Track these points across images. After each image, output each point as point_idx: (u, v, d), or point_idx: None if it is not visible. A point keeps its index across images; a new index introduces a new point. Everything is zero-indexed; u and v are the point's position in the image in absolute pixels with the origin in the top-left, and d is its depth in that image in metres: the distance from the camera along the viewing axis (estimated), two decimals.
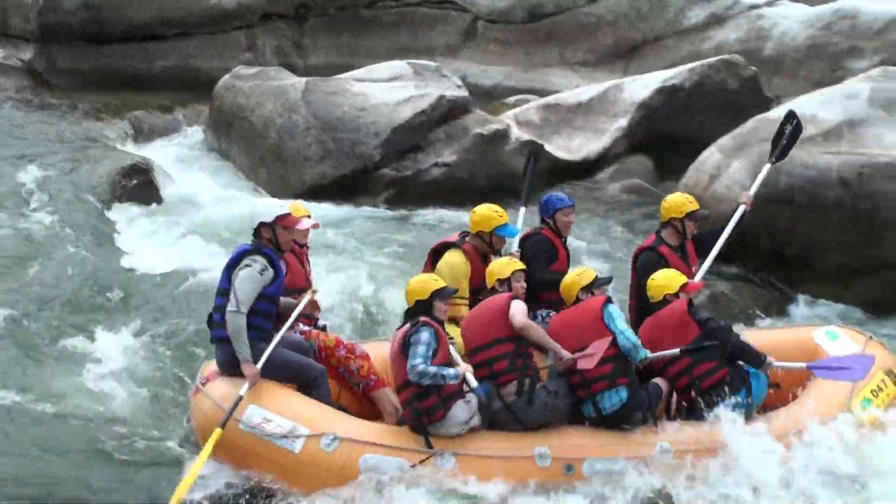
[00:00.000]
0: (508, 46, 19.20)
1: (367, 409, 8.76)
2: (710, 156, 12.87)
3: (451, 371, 8.10)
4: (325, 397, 8.40)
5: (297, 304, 8.70)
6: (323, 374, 8.51)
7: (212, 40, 19.64)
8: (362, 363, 8.74)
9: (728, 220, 10.04)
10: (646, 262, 9.69)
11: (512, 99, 17.31)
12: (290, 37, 20.20)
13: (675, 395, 8.89)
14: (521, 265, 8.90)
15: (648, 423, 8.38)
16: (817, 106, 13.00)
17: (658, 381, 8.70)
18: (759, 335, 9.73)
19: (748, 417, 8.53)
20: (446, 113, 14.81)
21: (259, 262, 8.24)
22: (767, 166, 10.83)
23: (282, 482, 8.08)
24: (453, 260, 9.21)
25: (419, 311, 8.36)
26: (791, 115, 11.26)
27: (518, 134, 14.94)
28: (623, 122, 15.01)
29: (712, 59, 15.75)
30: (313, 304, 8.97)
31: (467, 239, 9.39)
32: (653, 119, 15.08)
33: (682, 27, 18.66)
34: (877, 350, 9.56)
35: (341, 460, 8.02)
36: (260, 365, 8.10)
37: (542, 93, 17.31)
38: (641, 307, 9.38)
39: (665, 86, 15.18)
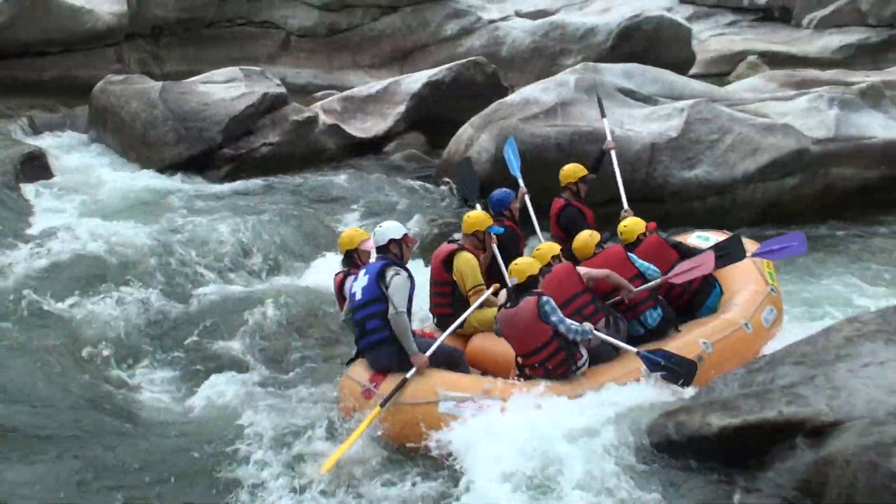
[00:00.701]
0: (314, 54, 19.44)
1: None
2: (465, 130, 13.40)
3: (588, 326, 7.89)
4: (467, 371, 8.10)
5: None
6: (462, 354, 8.25)
7: (88, 55, 19.68)
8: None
9: (612, 164, 10.57)
10: (571, 216, 9.87)
11: (319, 94, 17.58)
12: (149, 51, 20.37)
13: None
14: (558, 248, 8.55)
15: (673, 330, 8.47)
16: (539, 92, 13.55)
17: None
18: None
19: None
20: (270, 105, 15.18)
21: (403, 271, 7.87)
22: (605, 121, 11.39)
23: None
24: (468, 258, 8.73)
25: (531, 285, 7.96)
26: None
27: (324, 119, 15.35)
28: (402, 108, 15.42)
29: (464, 60, 16.17)
30: None
31: (462, 241, 8.98)
32: (423, 105, 15.53)
33: (441, 37, 19.18)
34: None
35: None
36: (429, 354, 7.75)
37: (341, 88, 17.43)
38: (569, 251, 8.95)
39: (431, 80, 15.61)
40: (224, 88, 15.54)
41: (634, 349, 8.00)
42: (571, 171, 10.29)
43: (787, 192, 13.20)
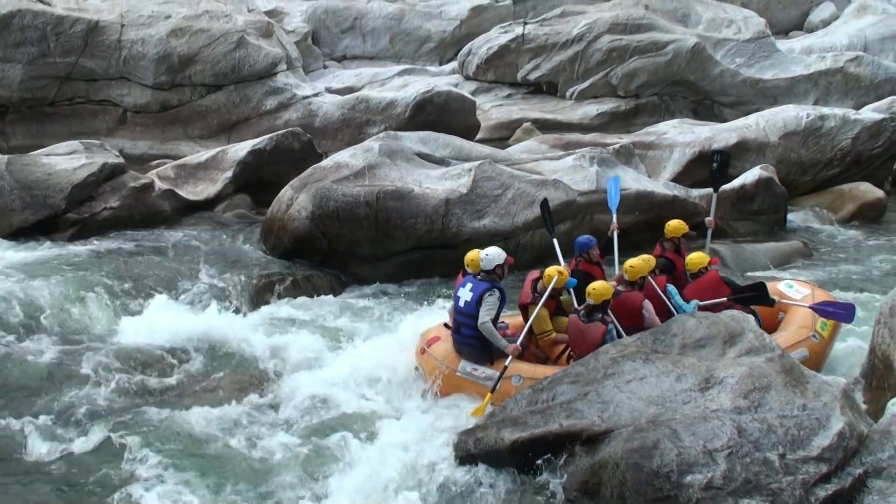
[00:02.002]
0: (149, 128, 18.87)
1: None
2: (286, 192, 13.11)
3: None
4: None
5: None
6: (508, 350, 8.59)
7: None
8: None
9: (706, 238, 10.86)
10: (659, 264, 9.49)
11: (154, 162, 17.01)
12: None
13: None
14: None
15: None
16: (349, 157, 13.41)
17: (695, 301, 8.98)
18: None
19: None
20: (109, 174, 14.51)
21: (496, 291, 8.72)
22: (714, 195, 11.48)
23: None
24: (542, 314, 9.06)
25: (603, 306, 8.46)
26: (714, 154, 11.76)
27: (160, 185, 14.77)
28: (229, 173, 15.03)
29: (283, 131, 15.87)
30: None
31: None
32: (248, 170, 15.17)
33: (262, 111, 18.94)
34: (817, 291, 9.87)
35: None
36: (519, 342, 8.63)
37: (174, 157, 17.05)
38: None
39: (254, 148, 15.25)
40: (66, 159, 14.79)
41: None
42: (675, 227, 10.35)
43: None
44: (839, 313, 9.19)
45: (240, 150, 15.55)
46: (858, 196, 16.49)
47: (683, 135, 17.26)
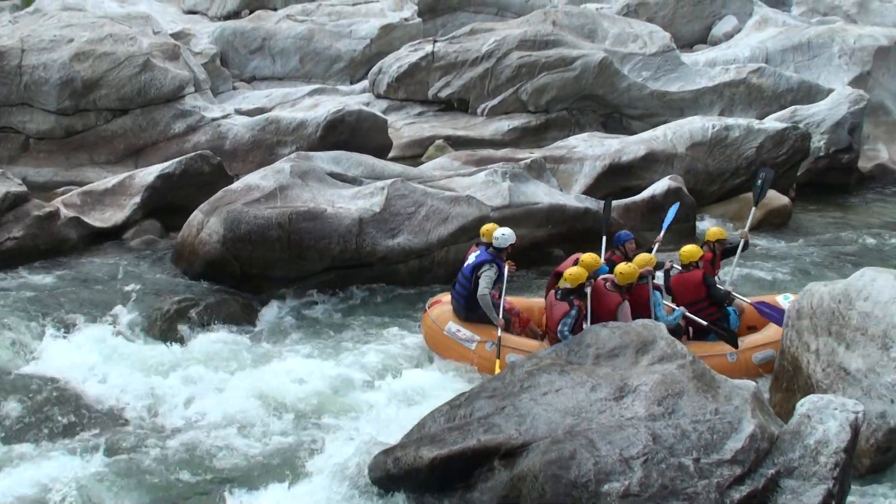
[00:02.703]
0: (53, 154, 18.40)
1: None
2: (196, 216, 12.95)
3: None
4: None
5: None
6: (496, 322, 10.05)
7: None
8: (515, 319, 10.47)
9: (736, 248, 11.37)
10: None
11: (60, 190, 16.53)
12: None
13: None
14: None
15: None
16: (260, 179, 13.34)
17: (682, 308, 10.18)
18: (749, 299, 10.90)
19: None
20: (12, 203, 14.01)
21: (495, 266, 10.21)
22: (753, 209, 12.43)
23: (463, 364, 10.04)
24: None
25: (577, 290, 9.62)
26: (759, 171, 12.80)
27: (65, 212, 14.42)
28: (137, 199, 14.75)
29: (192, 154, 15.67)
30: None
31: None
32: (157, 195, 14.89)
33: (171, 135, 18.55)
34: None
35: (495, 355, 9.71)
36: (500, 315, 10.02)
37: (80, 184, 16.68)
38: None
39: (163, 173, 15.00)
40: None
41: None
42: (714, 232, 11.60)
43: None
44: (774, 316, 10.19)
45: (148, 174, 15.28)
46: (764, 203, 16.79)
47: (593, 148, 17.51)
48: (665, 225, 12.56)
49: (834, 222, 17.50)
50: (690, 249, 10.58)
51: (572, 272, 9.66)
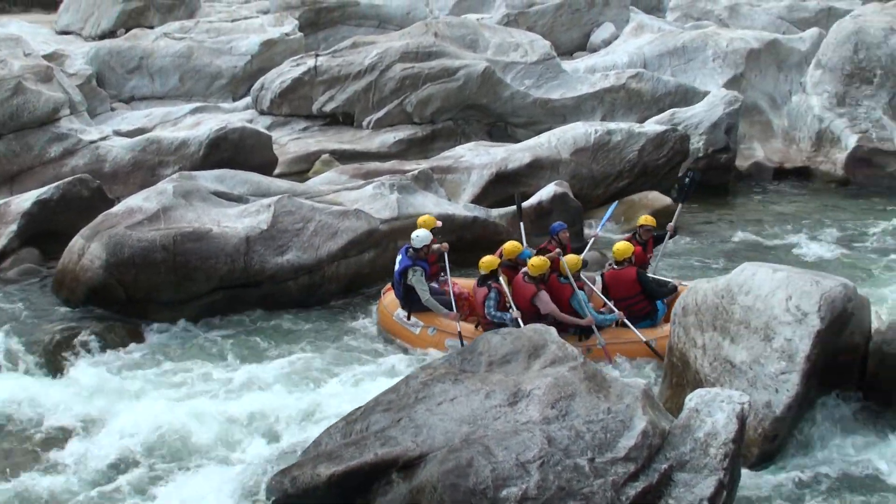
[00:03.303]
0: None
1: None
2: (76, 241, 12.65)
3: (507, 315, 10.43)
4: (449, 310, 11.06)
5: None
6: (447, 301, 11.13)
7: None
8: (464, 303, 11.33)
9: (663, 240, 12.54)
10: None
11: None
12: None
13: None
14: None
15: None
16: (142, 200, 13.07)
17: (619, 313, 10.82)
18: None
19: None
20: None
21: (419, 269, 11.18)
22: (680, 206, 13.37)
23: (410, 346, 11.22)
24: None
25: (491, 276, 10.73)
26: (687, 173, 13.85)
27: None
28: (13, 227, 14.35)
29: (70, 178, 15.32)
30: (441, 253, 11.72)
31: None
32: (35, 222, 14.53)
33: (46, 159, 17.99)
34: None
35: (437, 339, 11.06)
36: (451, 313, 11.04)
37: None
38: None
39: (40, 199, 14.62)
40: None
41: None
42: (647, 221, 12.42)
43: (366, 265, 13.61)
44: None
45: (24, 201, 14.86)
46: (648, 205, 17.29)
47: (480, 157, 17.65)
48: (602, 223, 13.75)
49: (716, 220, 18.00)
50: (622, 246, 11.24)
51: (484, 260, 10.86)
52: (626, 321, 10.79)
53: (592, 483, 6.12)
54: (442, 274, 11.97)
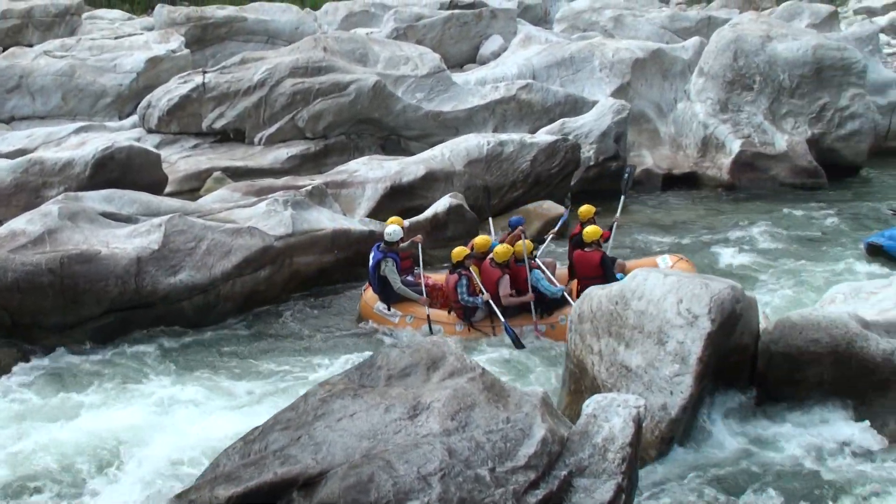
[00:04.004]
0: None
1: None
2: None
3: (478, 299, 11.89)
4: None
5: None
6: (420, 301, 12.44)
7: None
8: (437, 292, 12.61)
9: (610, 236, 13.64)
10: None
11: None
12: None
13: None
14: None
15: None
16: (25, 223, 12.73)
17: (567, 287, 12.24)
18: (636, 262, 13.13)
19: None
20: None
21: (391, 261, 12.43)
22: (623, 198, 14.60)
23: (390, 333, 12.30)
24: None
25: (460, 264, 12.07)
26: (625, 168, 15.79)
27: None
28: None
29: None
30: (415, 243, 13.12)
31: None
32: None
33: None
34: (681, 262, 13.08)
35: (414, 326, 12.29)
36: (423, 298, 12.45)
37: None
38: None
39: None
40: None
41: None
42: (585, 210, 13.51)
43: (262, 282, 13.48)
44: None
45: None
46: (542, 214, 17.53)
47: (374, 171, 17.64)
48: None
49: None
50: (592, 230, 12.51)
51: (455, 251, 12.25)
52: (567, 296, 12.04)
53: (494, 493, 6.14)
54: (416, 268, 13.04)
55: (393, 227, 12.88)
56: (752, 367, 9.25)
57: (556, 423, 6.83)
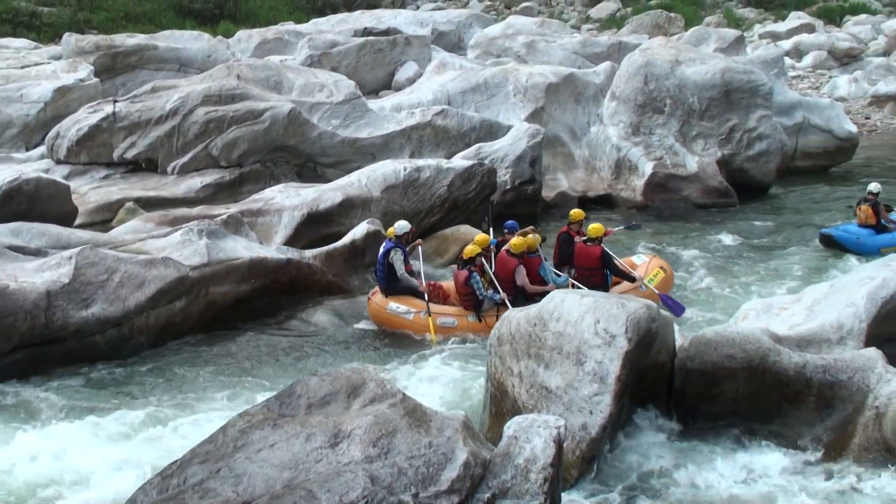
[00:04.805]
0: None
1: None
2: None
3: (496, 295, 13.10)
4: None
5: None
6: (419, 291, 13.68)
7: None
8: (438, 291, 13.95)
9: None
10: (563, 240, 14.85)
11: None
12: None
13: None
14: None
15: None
16: None
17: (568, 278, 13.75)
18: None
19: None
20: None
21: (399, 251, 13.74)
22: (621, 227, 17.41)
23: (405, 331, 13.40)
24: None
25: (470, 261, 13.35)
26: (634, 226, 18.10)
27: None
28: None
29: None
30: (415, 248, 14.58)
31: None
32: None
33: None
34: (655, 259, 15.02)
35: (430, 319, 13.26)
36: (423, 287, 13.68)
37: None
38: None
39: None
40: None
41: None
42: (576, 214, 15.42)
43: (178, 314, 13.27)
44: (674, 308, 13.48)
45: None
46: (460, 238, 17.60)
47: (290, 198, 17.56)
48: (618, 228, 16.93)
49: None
50: (596, 227, 14.08)
51: (467, 249, 13.54)
52: (573, 281, 13.69)
53: None
54: (416, 272, 14.16)
55: (402, 222, 14.47)
56: (669, 385, 9.42)
57: (478, 445, 6.85)
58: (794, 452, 8.91)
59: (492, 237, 14.60)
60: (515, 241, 13.49)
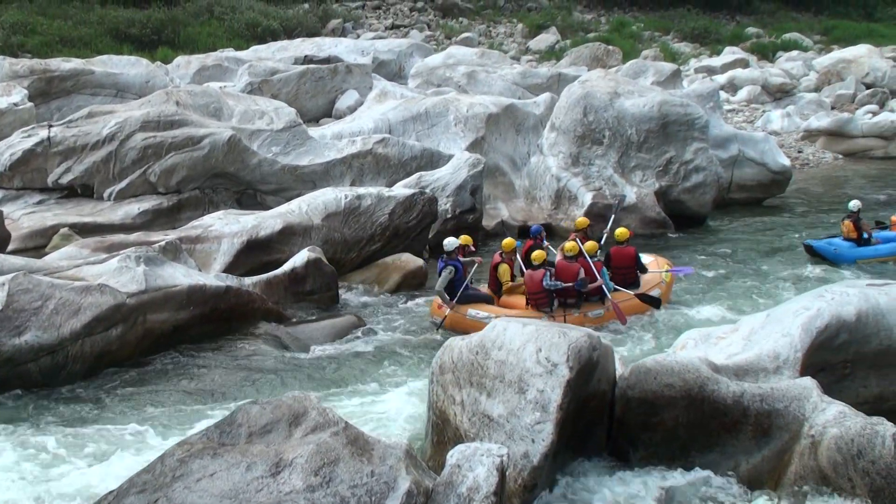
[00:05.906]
0: None
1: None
2: None
3: (558, 283, 14.55)
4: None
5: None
6: (489, 297, 15.34)
7: None
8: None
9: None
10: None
11: None
12: None
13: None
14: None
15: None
16: None
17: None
18: None
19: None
20: None
21: (451, 266, 15.00)
22: (612, 216, 18.57)
23: None
24: (504, 268, 15.66)
25: (542, 265, 14.67)
26: (616, 197, 20.41)
27: None
28: None
29: None
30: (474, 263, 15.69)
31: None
32: None
33: None
34: (659, 258, 17.14)
35: None
36: (454, 302, 14.91)
37: None
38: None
39: None
40: None
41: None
42: (580, 222, 17.22)
43: (114, 341, 13.03)
44: (684, 270, 17.02)
45: None
46: (401, 266, 17.64)
47: (230, 225, 17.42)
48: (611, 222, 18.06)
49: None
50: (622, 231, 16.18)
51: (535, 254, 14.72)
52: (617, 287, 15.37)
53: None
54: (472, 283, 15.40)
55: (450, 239, 15.56)
56: (610, 413, 9.48)
57: (420, 474, 6.84)
58: (732, 482, 9.00)
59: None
60: (568, 244, 15.06)
